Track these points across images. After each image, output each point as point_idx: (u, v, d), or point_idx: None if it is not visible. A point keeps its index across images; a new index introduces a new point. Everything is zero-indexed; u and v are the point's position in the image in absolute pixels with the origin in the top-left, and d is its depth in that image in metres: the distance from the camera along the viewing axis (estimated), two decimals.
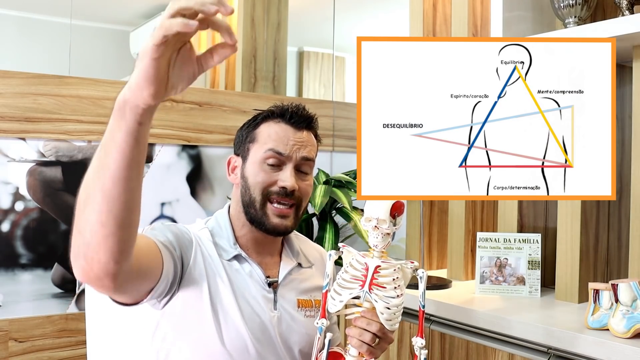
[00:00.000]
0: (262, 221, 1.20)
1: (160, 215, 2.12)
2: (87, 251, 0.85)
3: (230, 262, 1.20)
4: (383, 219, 1.09)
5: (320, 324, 1.10)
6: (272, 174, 1.20)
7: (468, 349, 1.56)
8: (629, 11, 1.54)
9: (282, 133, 1.21)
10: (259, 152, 1.21)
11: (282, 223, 1.21)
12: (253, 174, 1.20)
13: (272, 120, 1.23)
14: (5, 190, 1.87)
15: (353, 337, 1.10)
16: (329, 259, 1.15)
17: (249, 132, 1.25)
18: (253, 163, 1.21)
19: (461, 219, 1.98)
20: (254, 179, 1.20)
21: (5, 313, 1.85)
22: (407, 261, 1.14)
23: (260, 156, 1.20)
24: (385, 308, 1.08)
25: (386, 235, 1.11)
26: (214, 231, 1.24)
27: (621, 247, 1.72)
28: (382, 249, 1.12)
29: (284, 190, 1.19)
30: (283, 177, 1.19)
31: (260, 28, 3.11)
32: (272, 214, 1.20)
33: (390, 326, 1.10)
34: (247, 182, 1.21)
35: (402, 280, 1.12)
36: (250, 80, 3.08)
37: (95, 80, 2.01)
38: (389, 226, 1.09)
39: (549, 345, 1.37)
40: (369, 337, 1.09)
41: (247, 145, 1.24)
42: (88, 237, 0.84)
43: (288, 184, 1.18)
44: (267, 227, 1.21)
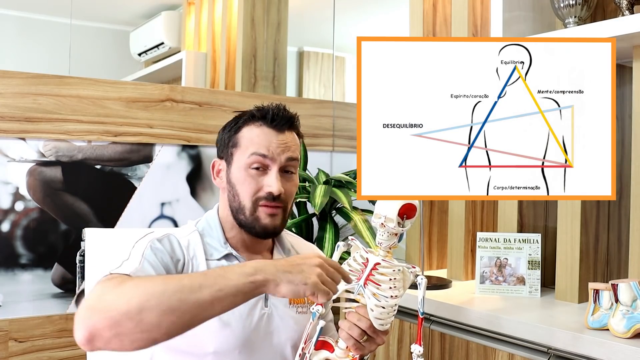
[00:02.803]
0: (253, 225, 1.21)
1: (160, 215, 2.12)
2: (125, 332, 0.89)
3: (220, 261, 1.21)
4: (391, 217, 1.09)
5: (315, 309, 1.10)
6: (258, 180, 1.20)
7: (468, 349, 1.56)
8: (629, 11, 1.54)
9: (264, 137, 1.20)
10: (242, 157, 1.20)
11: (272, 223, 1.21)
12: (240, 181, 1.20)
13: (254, 123, 1.22)
14: (5, 190, 1.87)
15: (343, 329, 1.12)
16: (337, 250, 1.17)
17: (231, 136, 1.24)
18: (238, 168, 1.21)
19: (461, 219, 1.98)
20: (241, 187, 1.20)
21: (5, 313, 1.85)
22: (410, 265, 1.14)
23: (245, 161, 1.20)
24: (376, 306, 1.09)
25: (392, 235, 1.11)
26: (204, 232, 1.24)
27: (621, 247, 1.72)
28: (387, 248, 1.12)
29: (271, 195, 1.19)
30: (269, 181, 1.19)
31: (260, 28, 3.11)
32: (263, 216, 1.20)
33: (379, 325, 1.10)
34: (234, 189, 1.21)
35: (401, 283, 1.12)
36: (250, 80, 3.08)
37: (95, 80, 2.01)
38: (396, 226, 1.09)
39: (549, 345, 1.37)
40: (357, 332, 1.11)
41: (230, 150, 1.23)
42: (132, 327, 0.89)
43: (274, 189, 1.19)
44: (257, 231, 1.21)
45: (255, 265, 0.97)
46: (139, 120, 2.07)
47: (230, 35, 3.28)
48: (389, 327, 1.14)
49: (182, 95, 2.16)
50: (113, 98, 2.03)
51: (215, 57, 3.50)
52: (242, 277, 0.94)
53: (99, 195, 2.01)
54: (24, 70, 1.91)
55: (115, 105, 2.03)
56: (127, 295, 0.91)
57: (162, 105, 2.12)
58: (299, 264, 0.98)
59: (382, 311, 1.09)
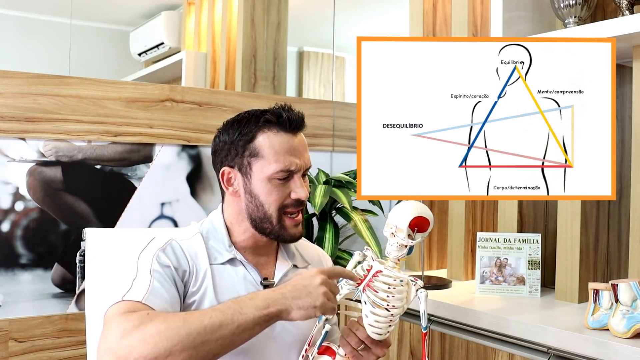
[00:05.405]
0: (281, 233, 1.21)
1: (160, 215, 2.12)
2: None
3: (223, 265, 1.20)
4: (401, 228, 1.08)
5: None
6: (283, 188, 1.19)
7: (468, 349, 1.56)
8: (629, 11, 1.54)
9: (286, 146, 1.18)
10: (266, 169, 1.17)
11: (298, 231, 1.23)
12: (265, 192, 1.18)
13: (270, 130, 1.18)
14: (5, 190, 1.87)
15: (341, 336, 1.14)
16: (352, 259, 1.17)
17: (245, 145, 1.19)
18: (261, 180, 1.18)
19: (461, 219, 1.98)
20: (267, 197, 1.18)
21: (5, 313, 1.85)
22: (413, 278, 1.13)
23: (270, 174, 1.17)
24: (371, 312, 1.08)
25: (402, 246, 1.10)
26: (208, 234, 1.23)
27: (621, 247, 1.72)
28: (395, 258, 1.11)
29: (299, 201, 1.19)
30: (295, 189, 1.19)
31: (260, 28, 3.11)
32: (290, 226, 1.21)
33: (372, 333, 1.10)
34: (257, 200, 1.19)
35: (403, 295, 1.10)
36: (250, 80, 3.08)
37: (95, 80, 2.01)
38: (405, 237, 1.08)
39: (549, 345, 1.37)
40: (355, 340, 1.12)
41: (247, 160, 1.19)
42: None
43: (302, 195, 1.19)
44: (285, 238, 1.22)
45: (265, 296, 1.02)
46: (139, 120, 2.07)
47: (230, 35, 3.28)
48: (388, 337, 1.13)
49: (182, 95, 2.16)
50: (113, 98, 2.03)
51: (215, 57, 3.50)
52: (257, 311, 1.00)
53: (99, 195, 2.01)
54: (24, 70, 1.91)
55: (115, 105, 2.03)
56: (152, 340, 0.95)
57: (162, 105, 2.12)
58: (305, 285, 1.03)
59: (376, 319, 1.08)
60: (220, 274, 1.19)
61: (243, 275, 1.21)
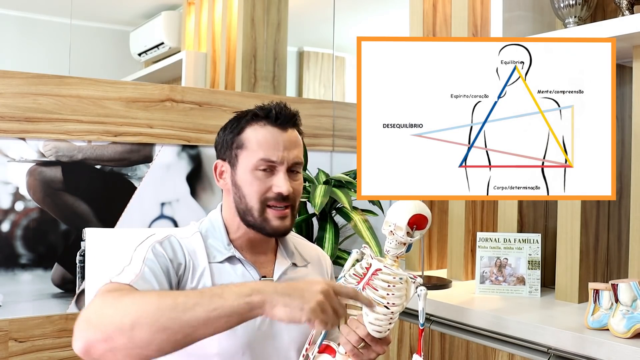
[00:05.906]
0: (263, 226, 1.20)
1: (160, 215, 2.12)
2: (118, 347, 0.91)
3: (222, 264, 1.20)
4: (400, 226, 1.08)
5: None
6: (266, 180, 1.19)
7: (468, 349, 1.56)
8: (629, 11, 1.54)
9: (270, 138, 1.19)
10: (249, 159, 1.19)
11: (282, 224, 1.21)
12: (247, 183, 1.20)
13: (257, 123, 1.21)
14: (5, 190, 1.87)
15: (342, 335, 1.13)
16: (350, 257, 1.17)
17: (234, 137, 1.22)
18: (244, 171, 1.20)
19: (461, 219, 1.98)
20: (249, 188, 1.19)
21: (5, 313, 1.85)
22: (412, 275, 1.13)
23: (252, 164, 1.19)
24: (371, 310, 1.08)
25: (400, 244, 1.10)
26: (207, 233, 1.24)
27: (621, 247, 1.72)
28: (394, 256, 1.11)
29: (280, 195, 1.19)
30: (277, 182, 1.19)
31: (260, 28, 3.11)
32: (273, 218, 1.20)
33: (373, 331, 1.10)
34: (241, 191, 1.20)
35: (402, 292, 1.10)
36: (250, 80, 3.08)
37: (95, 80, 2.01)
38: (404, 235, 1.08)
39: (549, 345, 1.37)
40: (355, 338, 1.11)
41: (235, 152, 1.22)
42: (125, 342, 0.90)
43: (283, 190, 1.18)
44: (268, 231, 1.21)
45: (254, 285, 0.95)
46: (139, 120, 2.07)
47: (230, 35, 3.28)
48: (388, 335, 1.14)
49: (182, 95, 2.16)
50: (113, 98, 2.03)
51: (215, 57, 3.50)
52: (239, 298, 0.92)
53: (99, 195, 2.01)
54: (24, 70, 1.91)
55: (115, 105, 2.03)
56: (123, 310, 0.92)
57: (162, 105, 2.12)
58: (301, 288, 0.96)
59: (376, 317, 1.09)
60: (219, 273, 1.19)
61: (242, 274, 1.21)
